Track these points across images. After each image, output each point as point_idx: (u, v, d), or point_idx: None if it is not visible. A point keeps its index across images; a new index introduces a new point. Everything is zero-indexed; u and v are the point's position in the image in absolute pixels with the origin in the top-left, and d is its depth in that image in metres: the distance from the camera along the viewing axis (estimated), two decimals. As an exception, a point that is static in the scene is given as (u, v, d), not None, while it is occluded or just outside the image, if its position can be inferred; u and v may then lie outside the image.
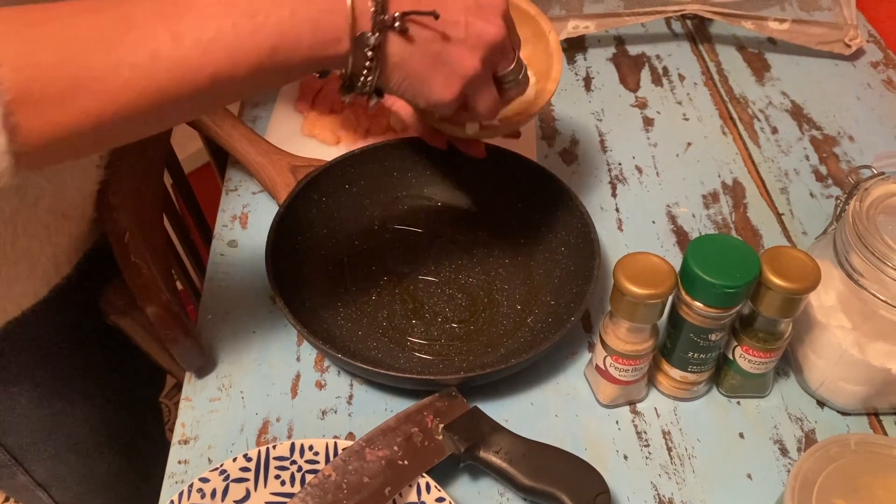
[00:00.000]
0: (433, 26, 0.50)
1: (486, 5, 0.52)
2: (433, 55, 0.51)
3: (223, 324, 0.71)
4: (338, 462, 0.58)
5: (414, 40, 0.50)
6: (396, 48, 0.50)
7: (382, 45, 0.49)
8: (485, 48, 0.52)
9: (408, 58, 0.51)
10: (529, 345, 0.69)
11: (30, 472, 0.76)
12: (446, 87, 0.53)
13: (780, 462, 0.63)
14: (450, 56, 0.52)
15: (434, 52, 0.51)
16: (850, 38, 0.99)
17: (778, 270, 0.57)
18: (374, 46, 0.49)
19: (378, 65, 0.50)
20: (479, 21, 0.52)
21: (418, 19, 0.50)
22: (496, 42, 0.53)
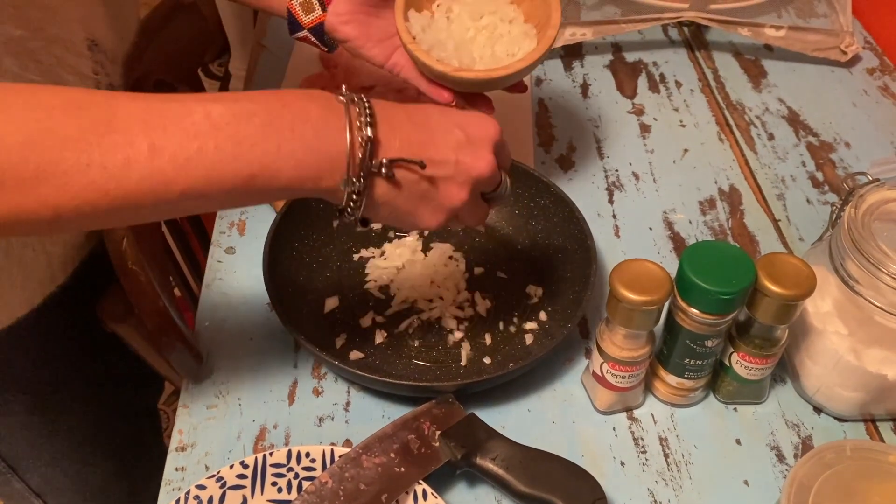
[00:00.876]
0: (420, 172, 0.51)
1: (476, 139, 0.53)
2: (419, 195, 0.52)
3: (220, 331, 0.71)
4: (334, 469, 0.58)
5: (400, 185, 0.50)
6: (382, 191, 0.50)
7: (368, 188, 0.50)
8: (473, 182, 0.53)
9: (393, 199, 0.51)
10: (526, 351, 0.69)
11: (24, 480, 0.76)
12: (433, 218, 0.53)
13: (776, 468, 0.63)
14: (437, 193, 0.52)
15: (420, 192, 0.52)
16: (847, 44, 0.99)
17: (774, 277, 0.57)
18: (359, 191, 0.49)
19: (363, 203, 0.50)
20: (469, 158, 0.52)
21: (405, 166, 0.50)
22: (485, 177, 0.53)
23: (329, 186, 0.49)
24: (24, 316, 0.65)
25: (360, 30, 0.68)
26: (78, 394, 0.76)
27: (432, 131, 0.51)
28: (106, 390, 0.80)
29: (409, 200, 0.52)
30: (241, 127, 0.45)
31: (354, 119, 0.48)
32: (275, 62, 1.00)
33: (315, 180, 0.48)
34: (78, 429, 0.77)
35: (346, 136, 0.48)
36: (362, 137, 0.48)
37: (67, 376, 0.74)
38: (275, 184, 0.47)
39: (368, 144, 0.48)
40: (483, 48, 0.70)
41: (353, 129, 0.48)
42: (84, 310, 0.72)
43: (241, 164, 0.45)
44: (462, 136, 0.52)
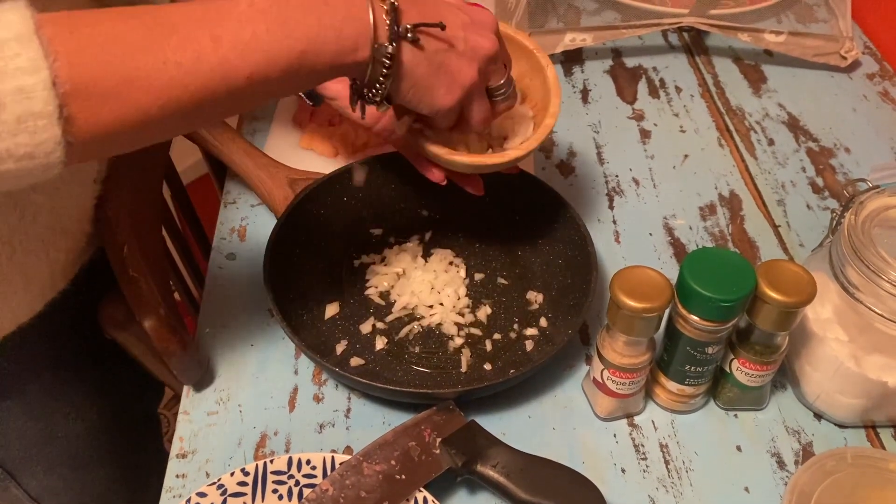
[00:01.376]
0: (440, 36, 0.55)
1: (479, 21, 0.57)
2: (438, 65, 0.56)
3: (221, 337, 0.71)
4: (335, 476, 0.58)
5: (424, 49, 0.55)
6: (409, 56, 0.54)
7: (397, 54, 0.53)
8: (481, 60, 0.57)
9: (416, 66, 0.55)
10: (527, 358, 0.69)
11: (22, 486, 0.76)
12: (448, 94, 0.57)
13: (777, 475, 0.63)
14: (451, 66, 0.56)
15: (439, 62, 0.56)
16: (846, 49, 0.99)
17: (774, 284, 0.57)
18: (390, 55, 0.53)
19: (393, 73, 0.54)
20: (475, 35, 0.57)
21: (427, 30, 0.54)
22: (490, 55, 0.57)
23: (364, 57, 0.53)
24: (26, 322, 0.65)
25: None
26: (77, 400, 0.76)
27: (439, 7, 0.56)
28: (105, 396, 0.79)
29: (429, 71, 0.55)
30: (283, 9, 0.50)
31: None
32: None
33: (354, 51, 0.52)
34: (76, 435, 0.77)
35: (369, 6, 0.52)
36: (386, 5, 0.52)
37: (66, 383, 0.74)
38: (323, 58, 0.51)
39: (393, 13, 0.52)
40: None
41: (376, 2, 0.52)
42: (84, 316, 0.72)
43: (292, 41, 0.50)
44: (466, 17, 0.57)
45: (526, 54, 0.70)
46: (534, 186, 0.77)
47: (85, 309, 0.72)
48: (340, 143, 0.87)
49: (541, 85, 0.69)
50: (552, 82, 0.68)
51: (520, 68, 0.69)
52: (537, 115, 0.70)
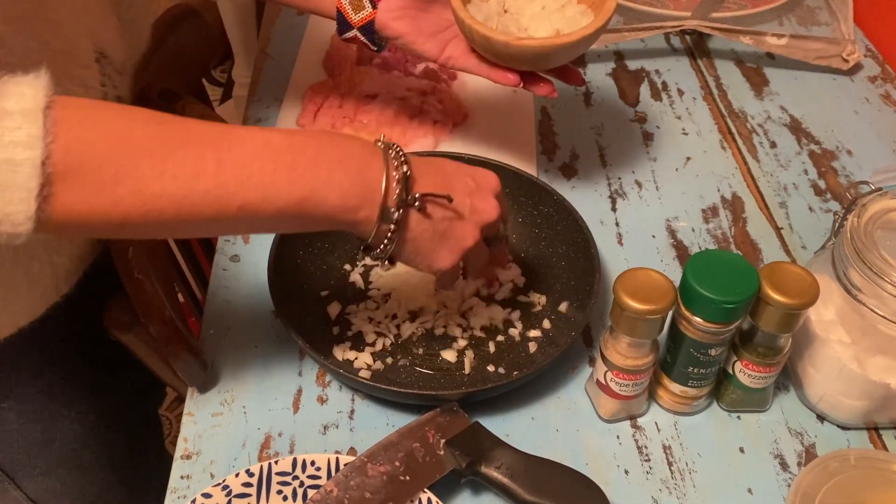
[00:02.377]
0: (447, 206, 0.57)
1: (485, 187, 0.59)
2: (442, 232, 0.57)
3: (225, 338, 0.72)
4: (339, 477, 0.58)
5: (430, 217, 0.56)
6: (414, 223, 0.56)
7: (403, 220, 0.55)
8: (482, 224, 0.59)
9: (421, 232, 0.56)
10: (530, 359, 0.69)
11: (21, 488, 0.76)
12: (449, 257, 0.58)
13: (780, 476, 0.63)
14: (455, 232, 0.58)
15: (443, 229, 0.57)
16: (848, 52, 1.00)
17: (777, 286, 0.58)
18: (396, 220, 0.54)
19: (397, 237, 0.55)
20: (480, 202, 0.58)
21: (436, 200, 0.56)
22: (493, 220, 0.59)
23: (367, 217, 0.54)
24: (26, 326, 0.65)
25: (412, 25, 0.70)
26: (76, 402, 0.76)
27: (449, 177, 0.57)
28: (105, 399, 0.80)
29: (434, 237, 0.57)
30: (296, 155, 0.51)
31: (391, 159, 0.54)
32: (279, 70, 1.00)
33: (356, 210, 0.53)
34: (76, 437, 0.77)
35: (384, 173, 0.53)
36: (399, 174, 0.54)
37: (66, 385, 0.74)
38: (321, 210, 0.52)
39: (406, 180, 0.54)
40: (540, 30, 0.71)
41: (391, 168, 0.54)
42: (85, 319, 0.73)
43: (295, 187, 0.50)
44: (473, 183, 0.58)
45: None
46: (537, 189, 0.77)
47: (86, 312, 0.72)
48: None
49: None
50: None
51: None
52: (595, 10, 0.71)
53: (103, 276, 0.70)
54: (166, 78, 0.82)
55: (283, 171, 0.50)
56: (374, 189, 0.53)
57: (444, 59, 0.72)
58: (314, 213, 0.52)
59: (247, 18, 2.00)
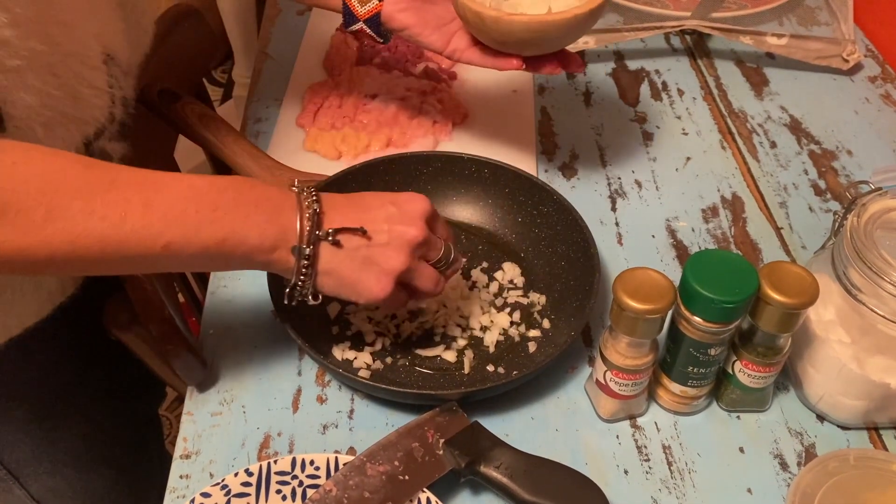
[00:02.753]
0: (360, 238, 0.58)
1: (407, 212, 0.60)
2: (361, 259, 0.58)
3: (225, 338, 0.72)
4: (339, 477, 0.58)
5: (343, 248, 0.58)
6: (327, 256, 0.57)
7: (315, 255, 0.57)
8: (407, 246, 0.59)
9: (338, 265, 0.58)
10: (530, 359, 0.69)
11: (25, 487, 0.76)
12: (378, 284, 0.59)
13: (780, 476, 0.63)
14: (377, 258, 0.58)
15: (362, 257, 0.58)
16: (848, 52, 1.00)
17: (776, 286, 0.58)
18: (308, 256, 0.56)
19: (312, 272, 0.57)
20: (400, 226, 0.59)
21: (347, 234, 0.58)
22: (417, 241, 0.59)
23: (282, 257, 0.56)
24: (32, 326, 0.65)
25: (418, 17, 0.72)
26: (80, 402, 0.76)
27: (368, 208, 0.59)
28: (108, 398, 0.80)
29: (353, 267, 0.58)
30: (217, 197, 0.54)
31: (303, 200, 0.57)
32: (279, 70, 1.00)
33: (272, 250, 0.56)
34: (79, 437, 0.77)
35: (297, 213, 0.56)
36: (310, 212, 0.56)
37: (69, 385, 0.74)
38: (241, 249, 0.55)
39: (315, 217, 0.56)
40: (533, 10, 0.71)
41: (303, 208, 0.56)
42: (89, 319, 0.73)
43: (216, 227, 0.53)
44: (394, 210, 0.59)
45: None
46: (536, 189, 0.77)
47: (90, 312, 0.72)
48: (344, 145, 0.87)
49: None
50: None
51: None
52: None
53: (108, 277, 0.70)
54: (166, 77, 0.82)
55: (205, 212, 0.53)
56: (287, 229, 0.56)
57: (450, 52, 0.73)
58: (234, 253, 0.55)
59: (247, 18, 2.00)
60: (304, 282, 0.57)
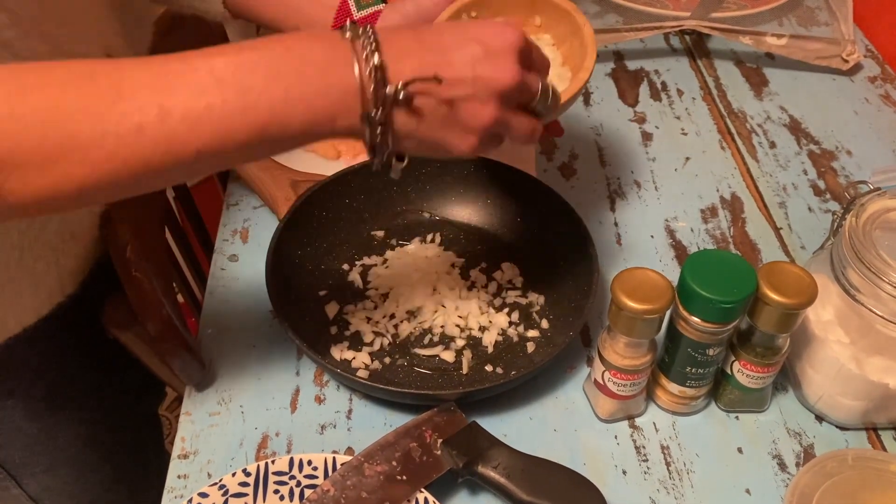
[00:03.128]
0: (437, 91, 0.48)
1: (496, 51, 0.49)
2: (442, 117, 0.49)
3: (223, 338, 0.72)
4: (336, 477, 0.58)
5: (420, 111, 0.49)
6: (402, 119, 0.49)
7: (389, 121, 0.48)
8: (498, 96, 0.50)
9: (415, 127, 0.49)
10: (528, 359, 0.69)
11: (22, 486, 0.76)
12: (464, 141, 0.51)
13: (778, 477, 0.63)
14: (460, 113, 0.49)
15: (443, 115, 0.49)
16: (848, 53, 1.00)
17: (775, 286, 0.58)
18: (381, 122, 0.48)
19: (389, 138, 0.49)
20: (488, 69, 0.49)
21: (422, 87, 0.48)
22: (509, 87, 0.50)
23: (347, 125, 0.48)
24: (31, 325, 0.65)
25: None
26: (77, 402, 0.76)
27: (445, 50, 0.49)
28: (106, 398, 0.80)
29: (433, 128, 0.49)
30: (246, 78, 0.45)
31: (360, 51, 0.47)
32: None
33: (330, 121, 0.47)
34: (76, 436, 0.77)
35: (356, 70, 0.46)
36: (370, 67, 0.46)
37: (68, 384, 0.74)
38: (289, 131, 0.47)
39: (377, 72, 0.46)
40: None
41: (361, 62, 0.46)
42: (88, 318, 0.73)
43: (251, 115, 0.45)
44: (479, 49, 0.49)
45: (564, 16, 0.69)
46: (536, 188, 0.77)
47: (89, 311, 0.72)
48: (343, 144, 0.87)
49: (579, 45, 0.67)
50: (588, 40, 0.66)
51: (559, 32, 0.69)
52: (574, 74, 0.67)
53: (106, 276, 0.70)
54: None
55: (233, 101, 0.45)
56: (347, 92, 0.46)
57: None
58: (283, 136, 0.47)
59: (247, 18, 1.99)
60: (381, 148, 0.49)
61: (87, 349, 0.75)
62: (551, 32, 0.71)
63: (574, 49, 0.68)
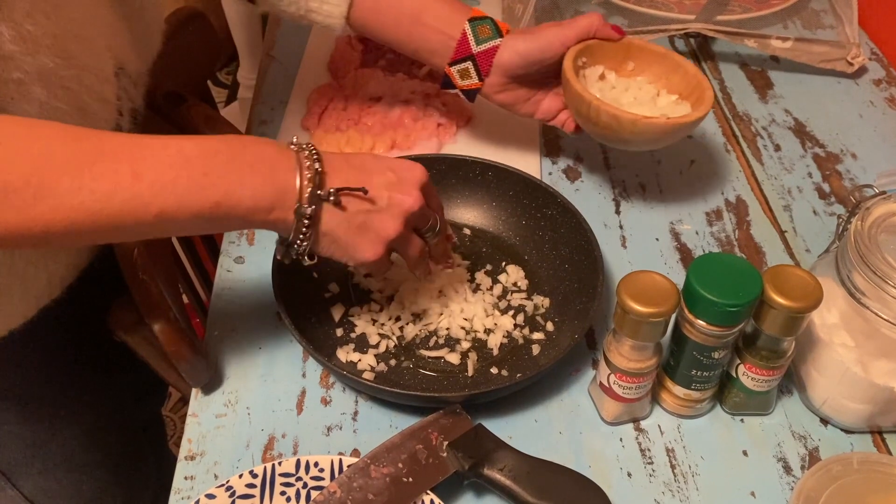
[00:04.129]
0: (363, 198, 0.58)
1: (405, 180, 0.60)
2: (359, 224, 0.59)
3: (229, 340, 0.72)
4: (343, 479, 0.58)
5: (345, 210, 0.58)
6: (328, 217, 0.57)
7: (317, 215, 0.57)
8: (404, 215, 0.60)
9: (336, 226, 0.58)
10: (533, 362, 0.69)
11: (18, 488, 0.76)
12: (371, 248, 0.60)
13: (783, 480, 0.63)
14: (373, 223, 0.59)
15: (360, 222, 0.58)
16: (853, 56, 1.00)
17: (780, 289, 0.58)
18: (310, 216, 0.56)
19: (312, 233, 0.57)
20: (398, 194, 0.59)
21: (350, 194, 0.57)
22: (413, 210, 0.60)
23: (281, 217, 0.56)
24: (18, 328, 0.66)
25: (512, 97, 0.80)
26: (73, 403, 0.76)
27: (368, 172, 0.59)
28: (102, 400, 0.80)
29: (351, 230, 0.58)
30: (209, 161, 0.53)
31: (304, 159, 0.56)
32: (283, 73, 1.00)
33: (269, 210, 0.55)
34: (71, 438, 0.77)
35: (297, 174, 0.55)
36: (311, 171, 0.56)
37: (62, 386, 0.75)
38: (236, 211, 0.54)
39: (318, 177, 0.56)
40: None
41: (303, 167, 0.56)
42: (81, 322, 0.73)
43: (209, 192, 0.53)
44: (393, 176, 0.59)
45: (659, 59, 0.81)
46: (540, 191, 0.77)
47: (83, 315, 0.72)
48: (348, 146, 0.87)
49: (681, 78, 0.80)
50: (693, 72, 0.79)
51: (655, 70, 0.81)
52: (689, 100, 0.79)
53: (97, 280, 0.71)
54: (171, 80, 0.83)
55: (196, 178, 0.52)
56: (286, 189, 0.55)
57: (541, 116, 0.81)
58: (230, 215, 0.54)
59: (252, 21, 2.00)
60: (302, 242, 0.57)
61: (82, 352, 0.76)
62: (645, 73, 0.82)
63: (674, 82, 0.81)
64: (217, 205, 0.53)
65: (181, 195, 0.52)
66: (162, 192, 0.51)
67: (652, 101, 0.81)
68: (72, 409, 0.76)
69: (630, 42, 0.81)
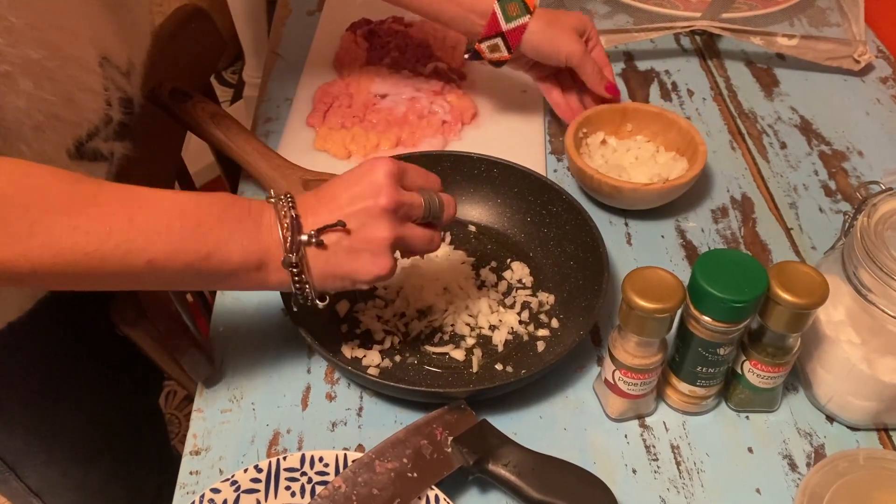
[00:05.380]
0: (342, 230, 0.57)
1: (370, 184, 0.57)
2: (346, 249, 0.57)
3: (235, 336, 0.72)
4: (347, 474, 0.58)
5: (328, 245, 0.57)
6: (315, 258, 0.57)
7: (304, 261, 0.57)
8: (384, 215, 0.57)
9: (325, 263, 0.57)
10: (538, 358, 0.69)
11: (22, 479, 0.77)
12: (375, 263, 0.58)
13: (788, 477, 0.63)
14: (361, 242, 0.57)
15: (346, 247, 0.57)
16: (859, 53, 0.99)
17: (786, 285, 0.58)
18: (296, 263, 0.56)
19: (306, 277, 0.57)
20: (369, 201, 0.57)
21: (329, 231, 0.57)
22: (388, 205, 0.57)
23: (275, 273, 0.56)
24: (16, 320, 0.66)
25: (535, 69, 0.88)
26: (76, 394, 0.77)
27: (336, 197, 0.58)
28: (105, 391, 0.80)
29: (344, 259, 0.57)
30: (202, 213, 0.54)
31: (280, 209, 0.56)
32: (289, 70, 1.00)
33: (259, 267, 0.56)
34: (74, 429, 0.78)
35: (276, 224, 0.56)
36: (289, 218, 0.56)
37: (65, 377, 0.75)
38: (226, 266, 0.55)
39: (294, 223, 0.56)
40: (639, 177, 0.82)
41: (281, 218, 0.56)
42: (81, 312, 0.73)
43: (200, 243, 0.53)
44: (358, 188, 0.58)
45: (654, 118, 0.86)
46: (546, 188, 0.77)
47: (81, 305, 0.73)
48: (353, 144, 0.88)
49: (676, 134, 0.84)
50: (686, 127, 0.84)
51: (652, 129, 0.86)
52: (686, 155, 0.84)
53: None
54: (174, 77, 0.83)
55: (189, 228, 0.53)
56: (270, 244, 0.56)
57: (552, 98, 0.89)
58: (220, 270, 0.54)
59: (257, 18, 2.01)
60: (301, 289, 0.57)
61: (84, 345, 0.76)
62: (644, 132, 0.87)
63: (671, 138, 0.85)
64: (207, 257, 0.53)
65: (173, 244, 0.52)
66: (156, 238, 0.51)
67: (652, 158, 0.84)
68: (73, 400, 0.76)
69: (625, 106, 0.87)
